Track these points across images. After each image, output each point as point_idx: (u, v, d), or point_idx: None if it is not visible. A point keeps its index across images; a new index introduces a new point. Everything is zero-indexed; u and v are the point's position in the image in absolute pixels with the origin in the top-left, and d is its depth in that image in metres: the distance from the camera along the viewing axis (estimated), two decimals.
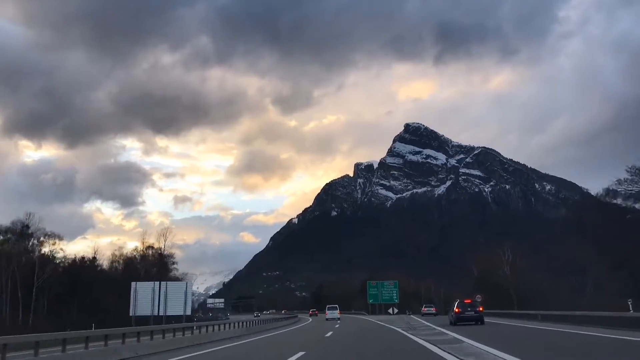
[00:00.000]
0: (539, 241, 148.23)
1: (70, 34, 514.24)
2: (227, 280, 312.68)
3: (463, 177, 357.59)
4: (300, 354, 13.54)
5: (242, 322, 32.48)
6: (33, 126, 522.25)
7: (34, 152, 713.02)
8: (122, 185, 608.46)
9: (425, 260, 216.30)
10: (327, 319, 54.20)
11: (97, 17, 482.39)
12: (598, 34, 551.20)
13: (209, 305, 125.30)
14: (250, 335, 27.36)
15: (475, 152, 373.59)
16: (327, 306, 61.98)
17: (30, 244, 59.14)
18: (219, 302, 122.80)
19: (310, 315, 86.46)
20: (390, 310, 76.93)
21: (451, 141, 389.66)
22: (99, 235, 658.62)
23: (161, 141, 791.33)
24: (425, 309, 63.17)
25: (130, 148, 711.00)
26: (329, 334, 24.24)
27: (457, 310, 28.57)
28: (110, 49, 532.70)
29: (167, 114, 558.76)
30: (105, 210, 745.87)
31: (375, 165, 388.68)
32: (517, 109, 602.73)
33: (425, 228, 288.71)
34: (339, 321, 44.14)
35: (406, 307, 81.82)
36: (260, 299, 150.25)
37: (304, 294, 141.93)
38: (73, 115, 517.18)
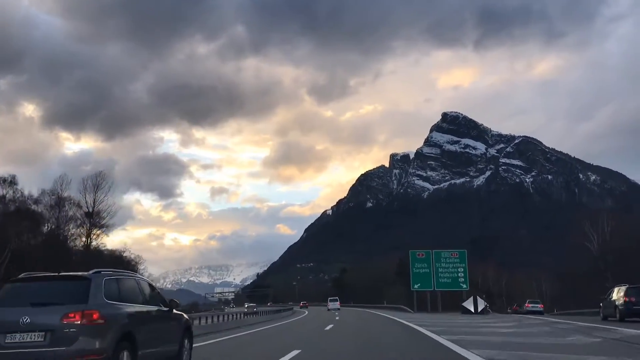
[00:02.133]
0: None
1: (107, 26, 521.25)
2: (261, 271, 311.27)
3: (503, 167, 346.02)
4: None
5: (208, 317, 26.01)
6: (72, 118, 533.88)
7: (74, 144, 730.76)
8: (160, 177, 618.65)
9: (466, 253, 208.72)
10: (328, 310, 63.11)
11: (133, 8, 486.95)
12: None
13: (215, 295, 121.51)
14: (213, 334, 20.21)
15: (516, 141, 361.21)
16: (329, 298, 74.02)
17: None
18: (229, 292, 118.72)
19: (302, 308, 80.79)
20: (468, 306, 42.03)
21: (491, 130, 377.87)
22: (139, 226, 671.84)
23: (198, 132, 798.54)
24: (530, 305, 52.69)
25: (168, 140, 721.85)
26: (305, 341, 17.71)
27: (627, 299, 20.97)
28: (146, 40, 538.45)
29: (203, 104, 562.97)
30: (144, 202, 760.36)
31: (412, 156, 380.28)
32: (562, 96, 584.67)
33: (464, 219, 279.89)
34: (337, 313, 49.05)
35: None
36: (286, 290, 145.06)
37: (329, 284, 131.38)
38: (111, 107, 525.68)
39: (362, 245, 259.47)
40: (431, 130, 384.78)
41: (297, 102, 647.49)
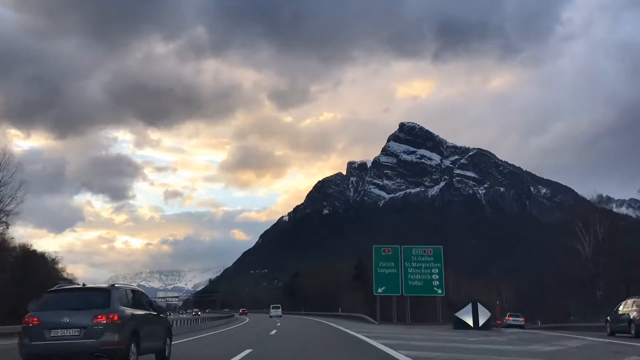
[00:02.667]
0: (537, 244, 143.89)
1: (62, 20, 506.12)
2: (214, 277, 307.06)
3: (457, 178, 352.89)
4: None
5: None
6: (22, 114, 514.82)
7: (23, 142, 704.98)
8: (113, 178, 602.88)
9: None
10: (270, 317, 64.35)
11: (90, 3, 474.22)
12: (601, 37, 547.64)
13: (158, 300, 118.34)
14: None
15: (470, 153, 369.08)
16: (271, 305, 74.17)
17: None
18: (172, 297, 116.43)
19: (241, 315, 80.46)
20: (465, 317, 31.67)
21: (446, 142, 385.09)
22: (89, 228, 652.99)
23: (153, 134, 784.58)
24: (511, 318, 48.23)
25: (122, 140, 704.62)
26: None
27: None
28: (103, 37, 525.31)
29: (160, 106, 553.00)
30: (95, 203, 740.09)
31: (369, 164, 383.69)
32: (516, 111, 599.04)
33: (418, 228, 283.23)
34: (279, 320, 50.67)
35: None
36: (235, 296, 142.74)
37: (281, 291, 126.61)
38: (63, 105, 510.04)
39: (318, 252, 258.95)
40: (388, 140, 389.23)
41: (257, 107, 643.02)
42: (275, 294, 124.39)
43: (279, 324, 38.09)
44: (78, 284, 12.72)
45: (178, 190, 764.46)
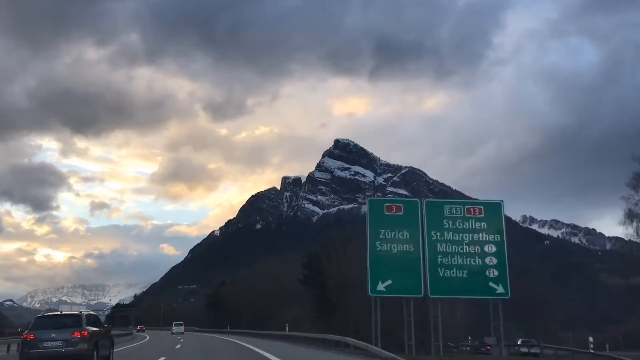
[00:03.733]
0: None
1: None
2: (140, 292, 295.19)
3: (390, 195, 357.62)
4: None
5: None
6: None
7: None
8: (35, 188, 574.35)
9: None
10: (172, 333, 63.71)
11: (17, 3, 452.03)
12: (529, 63, 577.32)
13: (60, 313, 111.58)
14: None
15: (403, 171, 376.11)
16: (174, 322, 72.29)
17: None
18: (80, 310, 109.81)
19: (138, 331, 75.93)
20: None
21: (379, 159, 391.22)
22: (7, 240, 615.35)
23: (80, 142, 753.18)
24: (523, 344, 41.76)
25: (47, 148, 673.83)
26: None
27: None
28: (29, 39, 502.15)
29: (88, 113, 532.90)
30: (16, 214, 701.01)
31: (303, 179, 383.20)
32: (448, 132, 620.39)
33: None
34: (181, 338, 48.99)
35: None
36: (153, 312, 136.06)
37: (204, 303, 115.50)
38: None
39: (249, 267, 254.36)
40: (323, 156, 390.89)
41: (191, 118, 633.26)
42: (200, 310, 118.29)
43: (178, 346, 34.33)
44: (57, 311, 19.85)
45: (105, 202, 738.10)
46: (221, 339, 46.22)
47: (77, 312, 16.80)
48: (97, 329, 16.31)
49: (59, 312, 18.06)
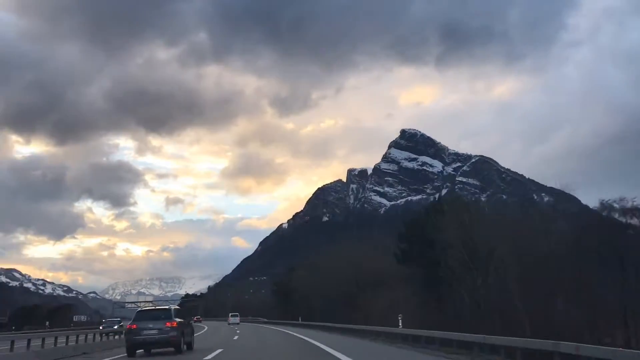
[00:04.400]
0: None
1: (63, 25, 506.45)
2: (213, 284, 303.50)
3: (459, 185, 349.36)
4: None
5: None
6: (23, 120, 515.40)
7: (24, 148, 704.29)
8: (114, 185, 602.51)
9: None
10: (229, 324, 66.50)
11: (92, 8, 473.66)
12: (607, 44, 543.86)
13: (127, 306, 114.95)
14: None
15: (473, 160, 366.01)
16: (230, 314, 75.09)
17: None
18: (145, 302, 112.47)
19: (195, 322, 76.75)
20: None
21: (448, 149, 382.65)
22: (89, 235, 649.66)
23: (154, 140, 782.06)
24: None
25: (123, 147, 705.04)
26: None
27: None
28: (104, 43, 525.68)
29: (161, 112, 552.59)
30: (96, 210, 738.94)
31: (370, 171, 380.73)
32: (519, 118, 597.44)
33: None
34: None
35: None
36: (235, 303, 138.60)
37: (273, 290, 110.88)
38: (64, 110, 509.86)
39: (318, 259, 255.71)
40: (389, 147, 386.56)
41: (258, 113, 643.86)
42: (270, 302, 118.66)
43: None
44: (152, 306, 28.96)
45: (179, 197, 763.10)
46: (286, 333, 39.63)
47: (167, 307, 21.44)
48: (182, 320, 20.54)
49: (154, 307, 23.47)
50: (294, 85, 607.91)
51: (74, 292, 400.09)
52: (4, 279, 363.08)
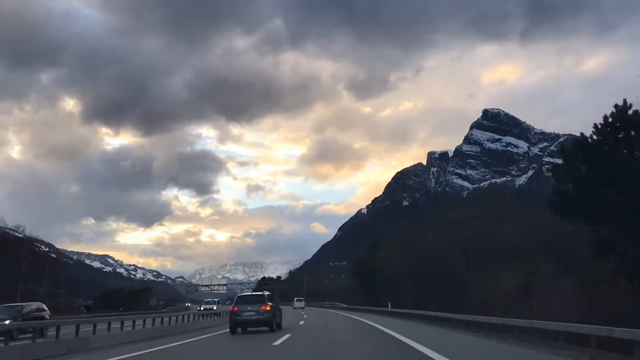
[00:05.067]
0: None
1: (144, 19, 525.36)
2: (294, 269, 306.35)
3: (547, 166, 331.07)
4: None
5: None
6: (111, 113, 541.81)
7: (113, 139, 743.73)
8: (198, 173, 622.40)
9: None
10: (294, 308, 68.69)
11: (172, 1, 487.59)
12: None
13: (201, 289, 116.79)
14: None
15: (561, 139, 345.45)
16: (295, 298, 77.76)
17: None
18: (219, 286, 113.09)
19: None
20: None
21: (533, 128, 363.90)
22: (176, 222, 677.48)
23: (235, 129, 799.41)
24: None
25: (206, 136, 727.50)
26: None
27: None
28: (184, 34, 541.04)
29: (240, 100, 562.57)
30: (182, 198, 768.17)
31: (451, 154, 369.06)
32: (612, 93, 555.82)
33: (508, 220, 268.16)
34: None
35: None
36: (312, 288, 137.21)
37: (352, 270, 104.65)
38: (148, 102, 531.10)
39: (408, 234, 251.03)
40: (471, 128, 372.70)
41: (335, 98, 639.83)
42: (350, 287, 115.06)
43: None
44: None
45: (260, 184, 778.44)
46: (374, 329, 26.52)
47: (262, 293, 25.45)
48: (273, 304, 23.92)
49: (251, 293, 28.00)
50: (371, 68, 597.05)
51: (163, 277, 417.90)
52: (98, 264, 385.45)
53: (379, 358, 14.47)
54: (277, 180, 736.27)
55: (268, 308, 23.43)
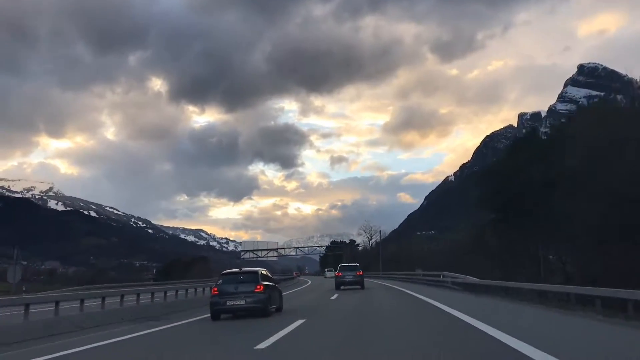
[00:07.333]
0: None
1: None
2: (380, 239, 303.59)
3: None
4: None
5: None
6: (196, 91, 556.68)
7: (199, 117, 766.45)
8: (282, 147, 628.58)
9: None
10: (325, 277, 68.73)
11: None
12: None
13: (242, 256, 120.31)
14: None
15: None
16: (326, 269, 76.74)
17: None
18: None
19: (296, 277, 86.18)
20: None
21: (637, 82, 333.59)
22: (264, 196, 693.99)
23: (316, 100, 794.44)
24: None
25: (288, 110, 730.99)
26: None
27: None
28: (261, 7, 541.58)
29: (320, 70, 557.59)
30: (268, 172, 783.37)
31: (544, 114, 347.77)
32: None
33: None
34: None
35: None
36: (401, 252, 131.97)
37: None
38: (230, 78, 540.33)
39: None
40: (565, 85, 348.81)
41: (419, 62, 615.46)
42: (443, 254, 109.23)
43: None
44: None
45: (343, 156, 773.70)
46: None
47: (255, 270, 20.18)
48: (269, 284, 19.47)
49: (241, 270, 20.91)
50: (457, 27, 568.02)
51: None
52: (192, 238, 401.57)
53: None
54: (360, 151, 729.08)
55: (262, 289, 17.91)
